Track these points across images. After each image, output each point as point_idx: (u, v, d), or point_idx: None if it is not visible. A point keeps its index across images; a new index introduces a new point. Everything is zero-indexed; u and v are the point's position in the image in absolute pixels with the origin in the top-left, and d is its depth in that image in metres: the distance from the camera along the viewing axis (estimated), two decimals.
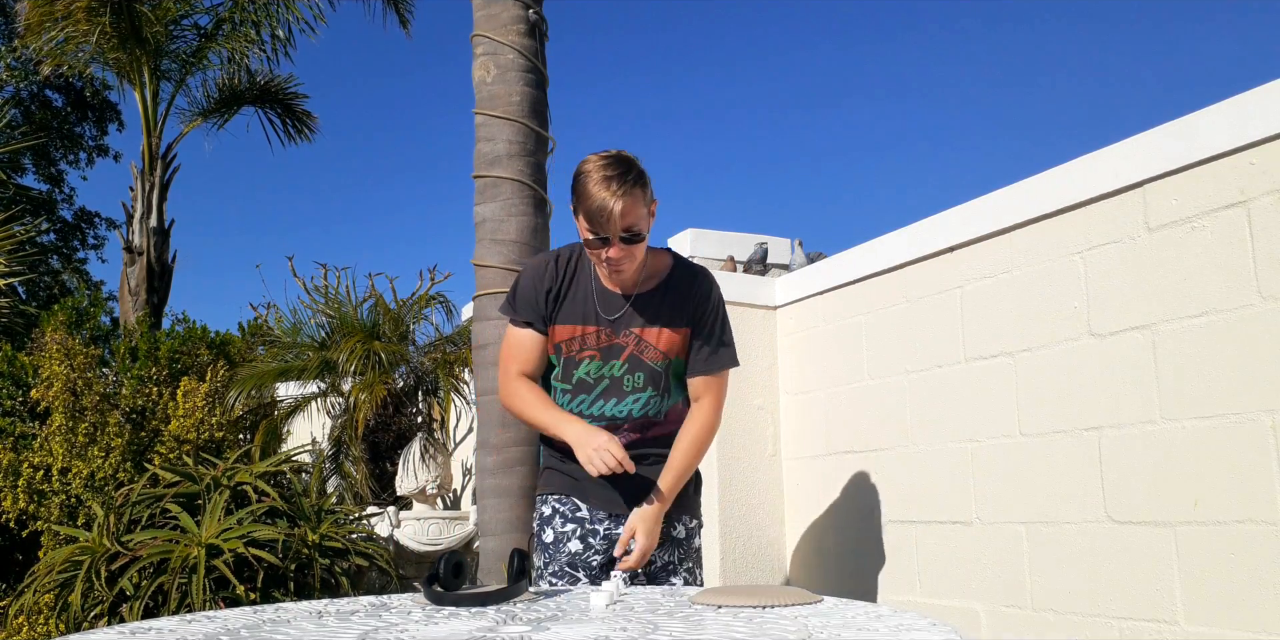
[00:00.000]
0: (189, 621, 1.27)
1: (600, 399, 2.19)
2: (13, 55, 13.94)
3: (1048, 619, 2.54)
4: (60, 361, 4.62)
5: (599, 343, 2.17)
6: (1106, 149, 2.49)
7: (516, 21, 3.71)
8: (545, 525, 2.26)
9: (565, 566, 2.20)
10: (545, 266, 2.18)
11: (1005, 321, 2.75)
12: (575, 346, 2.17)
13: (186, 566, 3.64)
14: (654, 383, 2.20)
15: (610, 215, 1.98)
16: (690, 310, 2.21)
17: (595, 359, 2.17)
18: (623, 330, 2.17)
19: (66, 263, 17.00)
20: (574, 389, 2.20)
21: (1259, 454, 2.10)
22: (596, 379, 2.18)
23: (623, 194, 1.98)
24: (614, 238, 2.02)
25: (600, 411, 2.19)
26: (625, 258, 2.05)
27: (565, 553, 2.21)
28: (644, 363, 2.18)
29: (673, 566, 2.28)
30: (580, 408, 2.20)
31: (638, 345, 2.18)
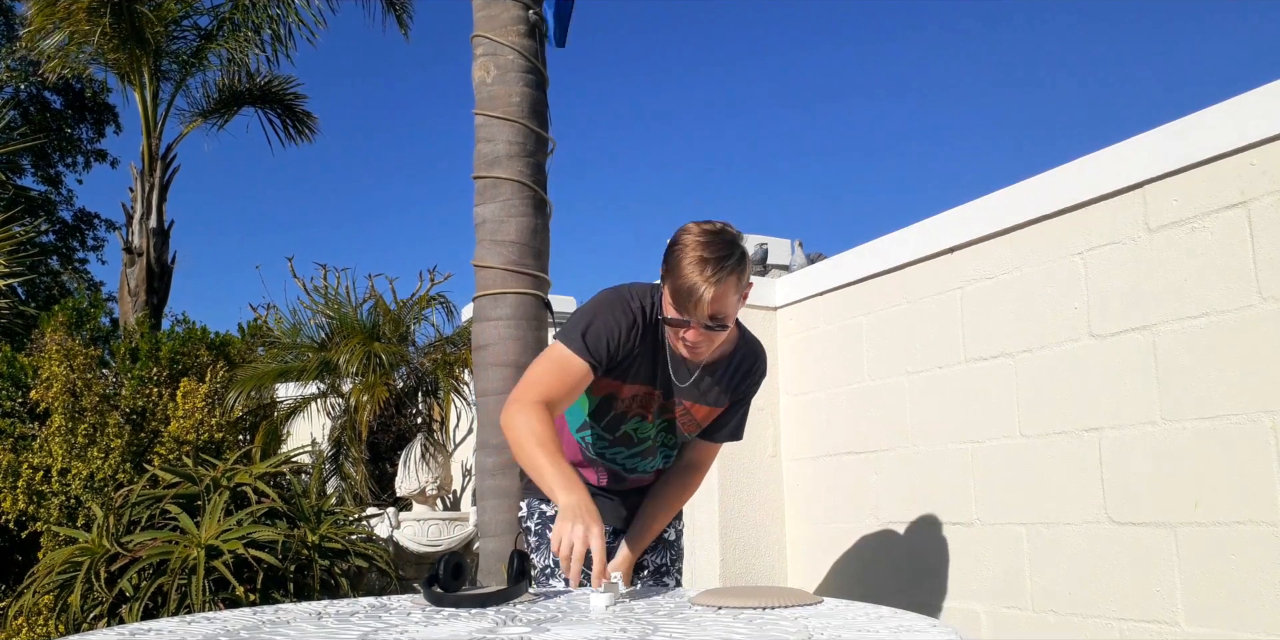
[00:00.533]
0: (188, 623, 1.27)
1: (637, 456, 2.17)
2: (13, 57, 13.95)
3: (1048, 620, 2.54)
4: (60, 362, 4.62)
5: (653, 405, 2.09)
6: (1106, 149, 2.49)
7: (516, 22, 3.71)
8: (549, 524, 2.17)
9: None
10: (633, 320, 1.99)
11: (1005, 322, 2.75)
12: (636, 405, 2.08)
13: (186, 568, 3.63)
14: (676, 447, 2.22)
15: (699, 301, 1.82)
16: (740, 393, 2.18)
17: (645, 419, 2.11)
18: (675, 398, 2.10)
19: (66, 264, 17.00)
20: (614, 440, 2.13)
21: (1259, 455, 2.10)
22: (640, 439, 2.14)
23: (717, 280, 1.81)
24: (697, 323, 1.87)
25: (633, 465, 2.18)
26: (703, 342, 1.92)
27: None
28: (679, 432, 2.17)
29: (665, 568, 2.29)
30: (615, 457, 2.17)
31: (683, 416, 2.14)
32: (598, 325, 1.96)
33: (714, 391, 2.12)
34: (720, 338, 1.94)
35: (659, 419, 2.12)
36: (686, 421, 2.15)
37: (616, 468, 2.18)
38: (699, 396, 2.11)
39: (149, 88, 9.43)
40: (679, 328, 1.89)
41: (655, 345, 2.02)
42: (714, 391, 2.12)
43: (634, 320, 1.98)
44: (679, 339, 1.93)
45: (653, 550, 2.26)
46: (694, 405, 2.11)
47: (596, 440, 2.14)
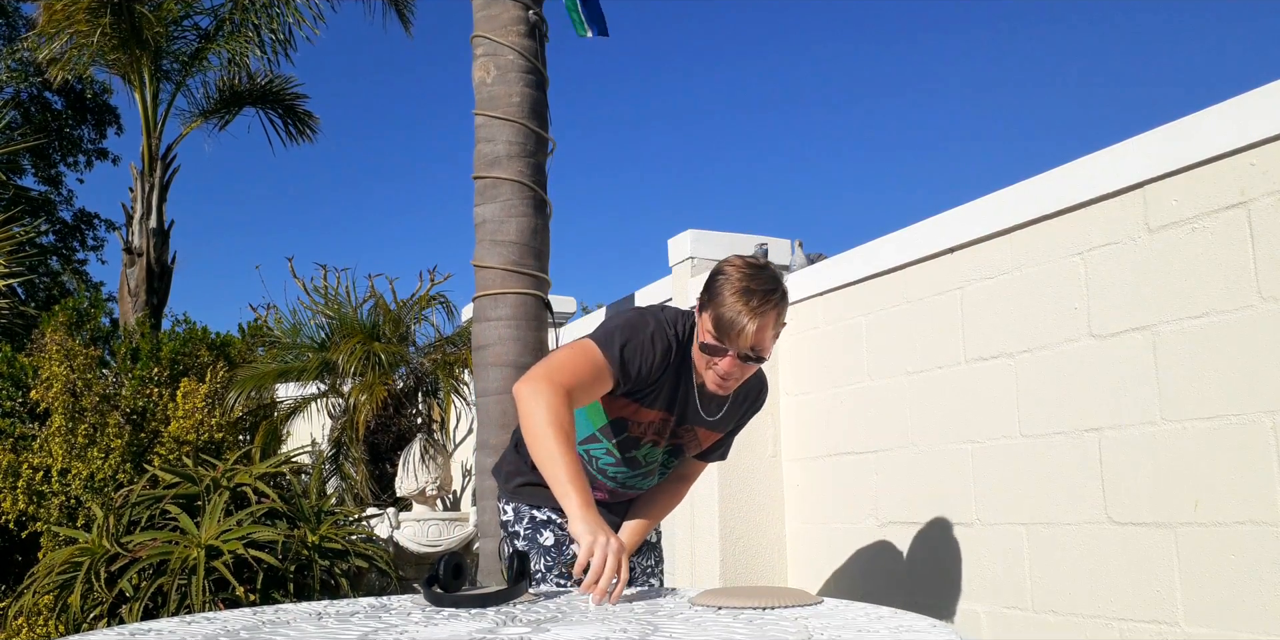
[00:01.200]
0: (188, 623, 1.27)
1: (640, 476, 2.16)
2: (13, 57, 13.95)
3: (1048, 620, 2.54)
4: (60, 362, 4.62)
5: (666, 431, 2.09)
6: (1107, 150, 2.49)
7: (516, 22, 3.71)
8: (542, 529, 2.19)
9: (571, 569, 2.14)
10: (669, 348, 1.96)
11: (1005, 322, 2.75)
12: (651, 431, 2.07)
13: (186, 568, 3.63)
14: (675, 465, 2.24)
15: (742, 332, 1.82)
16: (741, 419, 2.21)
17: (658, 445, 2.11)
18: (690, 424, 2.11)
19: (66, 264, 17.00)
20: (624, 461, 2.11)
21: (1259, 455, 2.10)
22: (649, 462, 2.15)
23: (761, 312, 1.82)
24: (735, 354, 1.86)
25: (633, 484, 2.18)
26: (735, 373, 1.90)
27: (570, 555, 2.16)
28: (682, 453, 2.18)
29: (650, 569, 2.33)
30: (618, 475, 2.15)
31: (690, 437, 2.15)
32: (635, 345, 1.92)
33: (724, 419, 2.14)
34: (752, 371, 1.93)
35: (668, 445, 2.12)
36: (691, 446, 2.16)
37: (614, 485, 2.17)
38: (707, 423, 2.11)
39: (149, 88, 9.44)
40: (716, 356, 1.88)
41: (679, 374, 2.00)
42: (724, 419, 2.14)
43: (669, 347, 1.95)
44: (709, 368, 1.91)
45: (637, 553, 2.29)
46: (701, 430, 2.12)
47: (604, 457, 2.11)
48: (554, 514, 2.20)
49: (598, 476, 2.16)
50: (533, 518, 2.20)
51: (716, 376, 1.91)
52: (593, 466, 2.14)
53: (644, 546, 2.31)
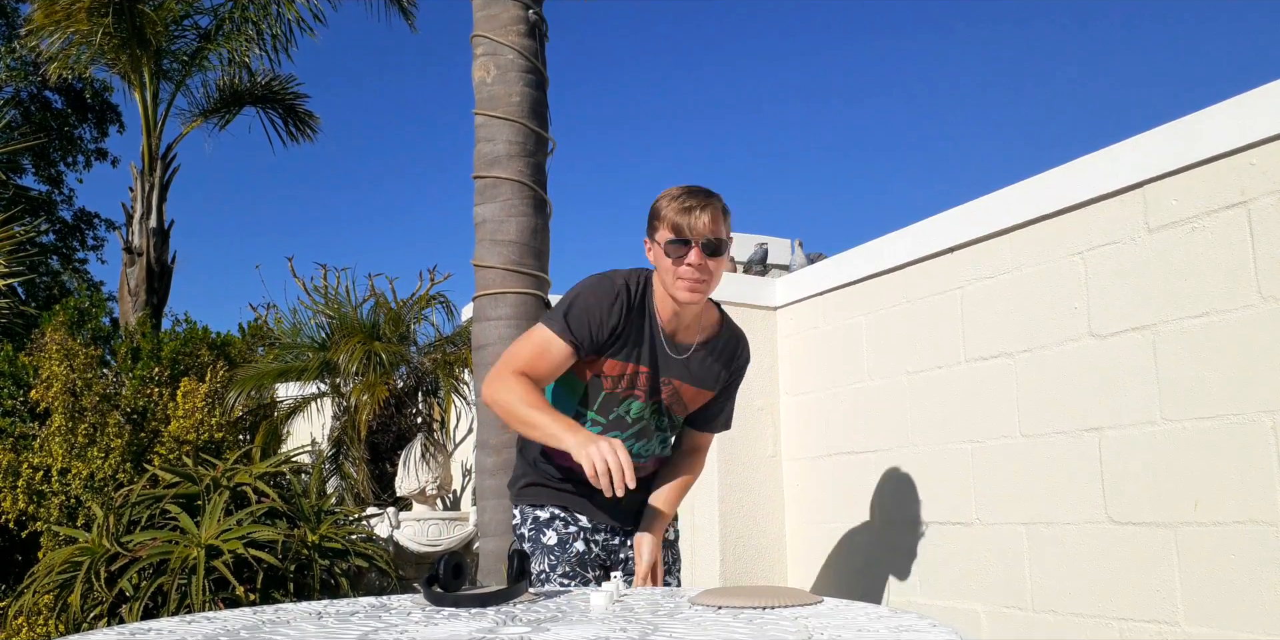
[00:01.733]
0: (189, 622, 1.27)
1: (633, 437, 2.16)
2: (13, 56, 13.95)
3: (1048, 620, 2.54)
4: (60, 362, 4.62)
5: (644, 384, 2.12)
6: (1107, 149, 2.49)
7: (516, 22, 3.71)
8: (544, 528, 2.20)
9: (576, 566, 2.16)
10: (616, 297, 2.06)
11: (1006, 322, 2.75)
12: (624, 384, 2.11)
13: (186, 567, 3.64)
14: (672, 429, 2.24)
15: (697, 220, 1.96)
16: (725, 378, 2.24)
17: (637, 399, 2.13)
18: (667, 376, 2.14)
19: (66, 263, 17.01)
20: (609, 424, 2.14)
21: (1259, 455, 2.10)
22: (635, 419, 2.16)
23: (708, 205, 1.98)
24: (697, 242, 1.96)
25: (637, 451, 2.17)
26: (702, 270, 1.99)
27: (574, 553, 2.17)
28: (671, 413, 2.20)
29: (667, 567, 2.31)
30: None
31: (672, 395, 2.17)
32: (579, 306, 2.04)
33: (703, 370, 2.17)
34: (717, 271, 2.02)
35: (649, 400, 2.14)
36: (674, 402, 2.18)
37: None
38: (688, 376, 2.15)
39: (149, 88, 9.44)
40: (681, 251, 1.97)
41: (642, 323, 2.08)
42: (703, 370, 2.17)
43: (617, 296, 2.05)
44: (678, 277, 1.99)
45: None
46: (682, 385, 2.16)
47: (591, 426, 2.13)
48: (556, 510, 2.21)
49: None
50: (535, 518, 2.22)
51: (688, 277, 1.99)
52: None
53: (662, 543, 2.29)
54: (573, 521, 2.21)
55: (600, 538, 2.23)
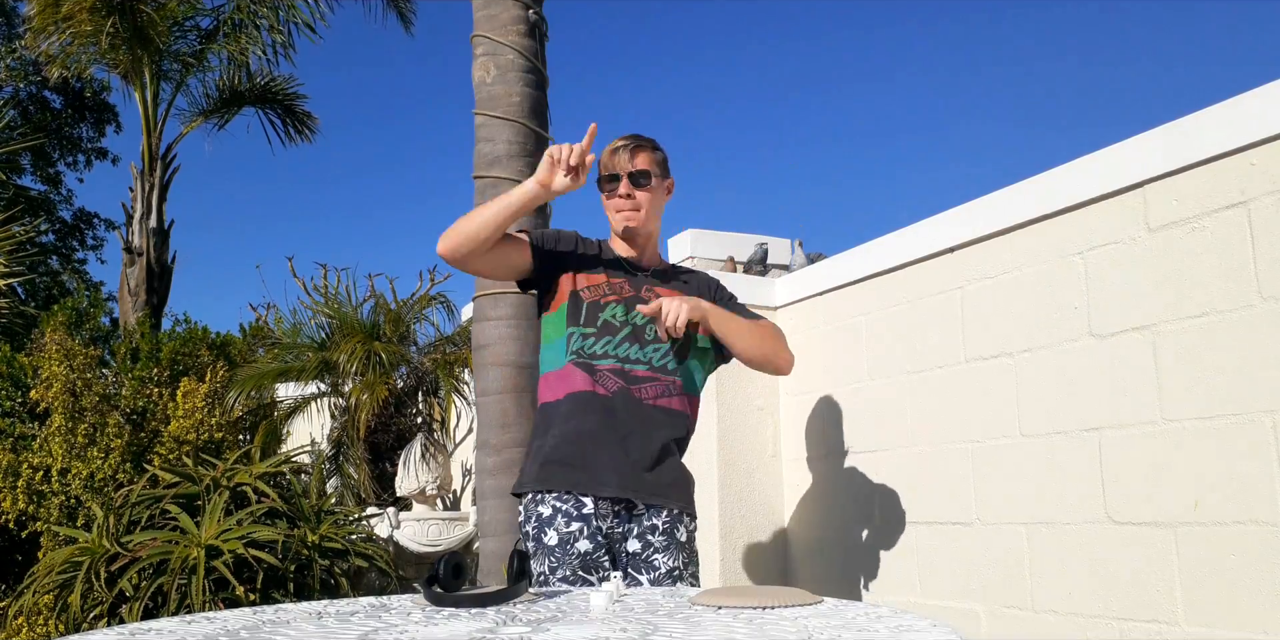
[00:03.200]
0: (188, 622, 1.27)
1: (625, 341, 2.22)
2: (12, 56, 13.94)
3: (1048, 620, 2.54)
4: (60, 362, 4.62)
5: (621, 292, 2.26)
6: (1107, 149, 2.49)
7: (516, 22, 3.71)
8: (545, 527, 2.15)
9: (579, 570, 2.12)
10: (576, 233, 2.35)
11: (1006, 322, 2.75)
12: (600, 292, 2.26)
13: (186, 567, 3.64)
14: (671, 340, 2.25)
15: (619, 157, 2.24)
16: (704, 293, 2.37)
17: (618, 303, 2.25)
18: (643, 286, 2.28)
19: (66, 263, 17.00)
20: (599, 331, 2.22)
21: (1259, 455, 2.10)
22: (621, 323, 2.23)
23: (636, 144, 2.27)
24: (623, 173, 2.24)
25: (625, 353, 2.21)
26: (631, 198, 2.25)
27: (576, 554, 2.12)
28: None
29: (678, 572, 2.23)
30: (606, 348, 2.21)
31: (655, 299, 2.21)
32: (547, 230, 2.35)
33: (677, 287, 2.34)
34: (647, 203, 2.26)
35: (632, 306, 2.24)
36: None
37: (611, 362, 2.20)
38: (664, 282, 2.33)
39: (149, 88, 9.44)
40: (612, 184, 2.26)
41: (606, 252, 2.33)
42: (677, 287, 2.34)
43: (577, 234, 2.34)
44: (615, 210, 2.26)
45: (664, 550, 2.20)
46: (663, 290, 2.29)
47: (583, 339, 2.21)
48: (559, 501, 2.15)
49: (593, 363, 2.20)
50: (539, 515, 2.17)
51: (623, 208, 2.26)
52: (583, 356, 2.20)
53: (671, 545, 2.21)
54: (576, 514, 2.14)
55: (605, 525, 2.16)
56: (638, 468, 2.17)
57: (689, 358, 2.30)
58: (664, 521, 2.21)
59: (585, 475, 2.16)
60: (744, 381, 3.55)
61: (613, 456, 2.16)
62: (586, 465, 2.16)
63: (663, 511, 2.21)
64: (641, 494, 2.17)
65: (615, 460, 2.16)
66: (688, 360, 2.29)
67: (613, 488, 2.16)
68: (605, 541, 2.17)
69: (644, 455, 2.18)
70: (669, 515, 2.22)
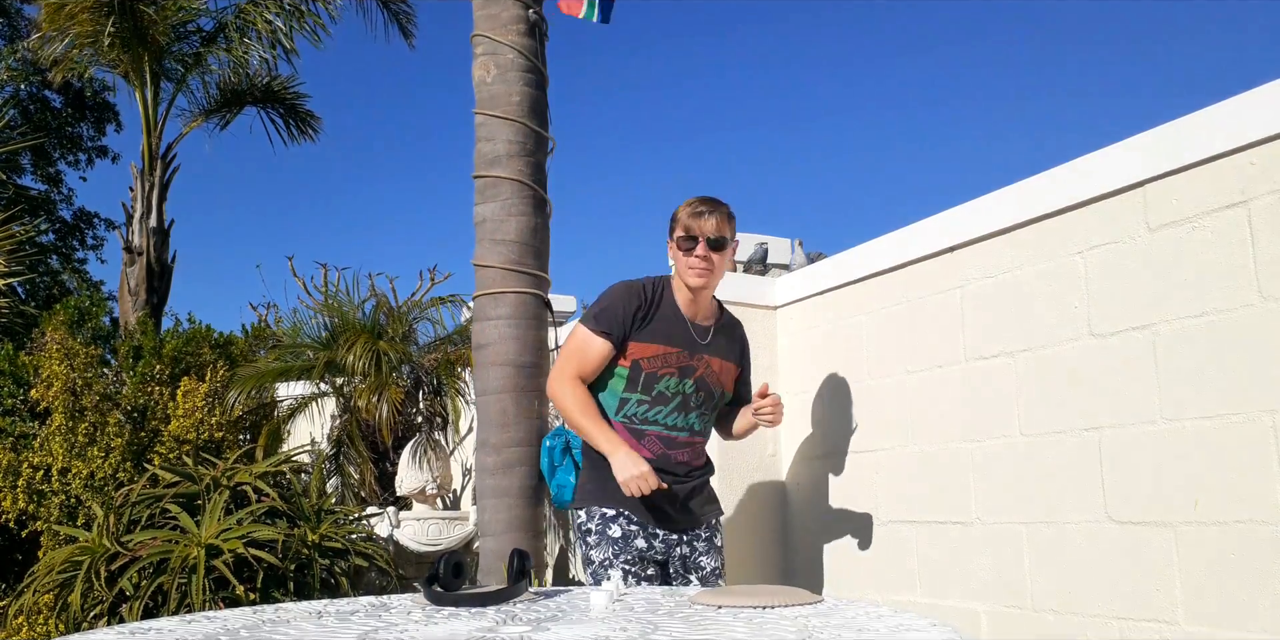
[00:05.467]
0: (189, 622, 1.27)
1: (675, 411, 2.55)
2: (14, 56, 13.94)
3: (1047, 619, 2.54)
4: (60, 361, 4.62)
5: (678, 362, 2.54)
6: (1107, 149, 2.49)
7: (516, 21, 3.70)
8: (610, 522, 2.51)
9: (637, 559, 2.49)
10: (637, 290, 2.55)
11: (1006, 321, 2.75)
12: (659, 363, 2.52)
13: (186, 567, 3.64)
14: (710, 403, 2.63)
15: (705, 221, 2.49)
16: (739, 351, 2.73)
17: (674, 376, 2.54)
18: (697, 355, 2.57)
19: (66, 263, 17.00)
20: (653, 400, 2.53)
21: (1259, 454, 2.10)
22: (674, 394, 2.55)
23: (714, 212, 2.51)
24: (704, 239, 2.47)
25: (674, 421, 2.56)
26: (707, 261, 2.48)
27: (635, 549, 2.50)
28: (709, 385, 2.60)
29: (718, 570, 2.63)
30: (657, 416, 2.55)
31: (706, 370, 2.59)
32: (607, 303, 2.54)
33: (725, 348, 2.64)
34: (721, 264, 2.51)
35: (688, 379, 2.55)
36: (709, 376, 2.59)
37: (659, 429, 2.54)
38: (715, 351, 2.60)
39: (150, 87, 9.44)
40: (690, 244, 2.48)
41: (665, 312, 2.54)
42: (725, 348, 2.64)
43: (639, 292, 2.54)
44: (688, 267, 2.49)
45: (707, 553, 2.61)
46: (712, 359, 2.60)
47: (638, 406, 2.53)
48: (621, 506, 2.50)
49: (643, 428, 2.53)
50: (603, 514, 2.52)
51: (696, 266, 2.48)
52: (635, 421, 2.54)
53: (711, 550, 2.62)
54: (633, 519, 2.52)
55: (660, 533, 2.54)
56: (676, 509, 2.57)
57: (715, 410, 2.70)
58: (705, 531, 2.64)
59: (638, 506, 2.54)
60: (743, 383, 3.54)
61: (659, 504, 2.53)
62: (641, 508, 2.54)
63: (703, 524, 2.64)
64: (681, 525, 2.59)
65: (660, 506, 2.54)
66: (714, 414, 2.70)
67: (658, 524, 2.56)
68: (664, 546, 2.56)
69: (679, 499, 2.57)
70: (708, 527, 2.65)
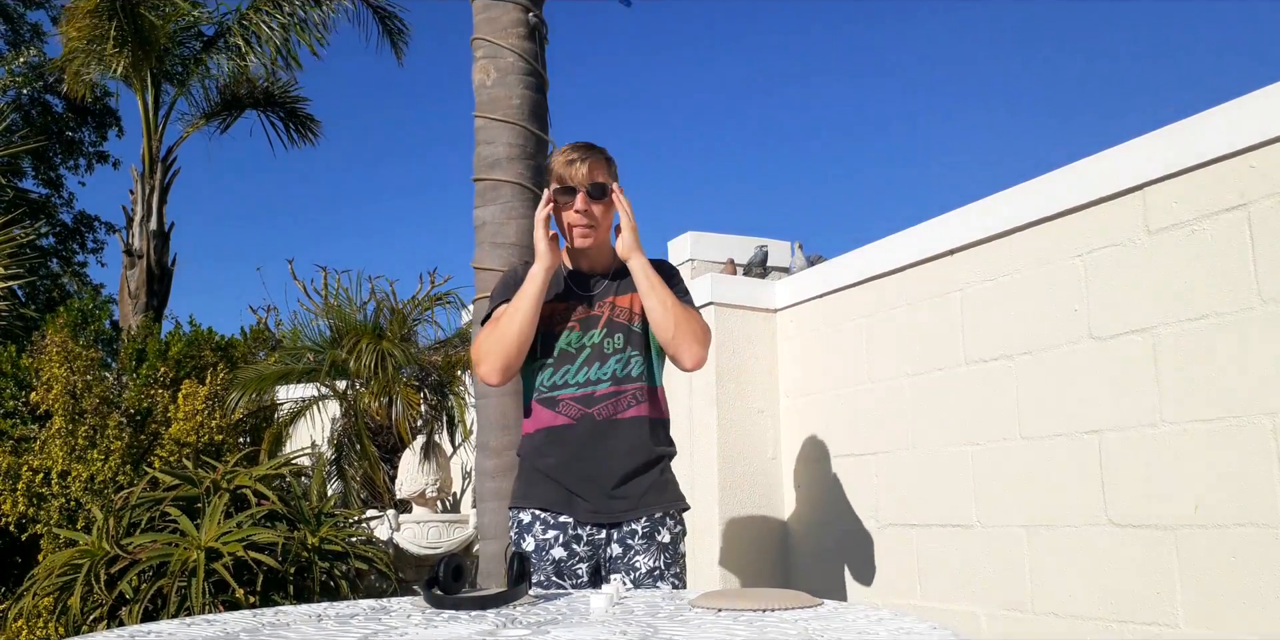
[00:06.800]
0: (188, 625, 1.27)
1: (585, 365, 2.25)
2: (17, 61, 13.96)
3: (1048, 622, 2.54)
4: (60, 364, 4.62)
5: (576, 315, 2.27)
6: (1106, 152, 2.49)
7: (516, 25, 3.71)
8: (525, 532, 2.24)
9: (552, 576, 2.20)
10: (516, 266, 2.39)
11: (1005, 324, 2.75)
12: (553, 322, 2.25)
13: (186, 570, 3.63)
14: (633, 342, 2.27)
15: (577, 170, 2.20)
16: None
17: (575, 330, 2.26)
18: (597, 303, 2.28)
19: (66, 266, 17.01)
20: (556, 360, 2.25)
21: (1259, 457, 2.10)
22: (578, 348, 2.25)
23: (588, 156, 2.22)
24: (581, 188, 2.19)
25: (585, 377, 2.24)
26: (588, 213, 2.21)
27: (550, 561, 2.20)
28: (619, 324, 2.28)
29: (659, 572, 2.25)
30: (565, 377, 2.24)
31: (612, 310, 2.29)
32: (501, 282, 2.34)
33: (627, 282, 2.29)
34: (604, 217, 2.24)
35: (593, 330, 2.26)
36: (621, 313, 2.29)
37: (571, 390, 2.23)
38: (618, 291, 2.30)
39: (150, 91, 9.45)
40: (568, 198, 2.21)
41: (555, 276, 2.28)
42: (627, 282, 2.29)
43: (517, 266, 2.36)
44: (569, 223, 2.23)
45: (644, 552, 2.23)
46: (616, 298, 2.29)
47: (544, 372, 2.25)
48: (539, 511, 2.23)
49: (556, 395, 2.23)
50: (519, 521, 2.26)
51: (578, 223, 2.23)
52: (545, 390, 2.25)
53: (651, 546, 2.24)
54: (553, 522, 2.22)
55: (585, 533, 2.22)
56: (607, 491, 2.22)
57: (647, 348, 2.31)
58: (643, 526, 2.24)
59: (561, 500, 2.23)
60: (745, 384, 3.55)
61: (582, 486, 2.22)
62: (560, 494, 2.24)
63: (641, 517, 2.24)
64: (615, 515, 2.23)
65: (586, 488, 2.22)
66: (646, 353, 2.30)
67: (585, 514, 2.23)
68: (589, 549, 2.23)
69: (612, 477, 2.22)
70: (648, 520, 2.25)
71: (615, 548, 2.23)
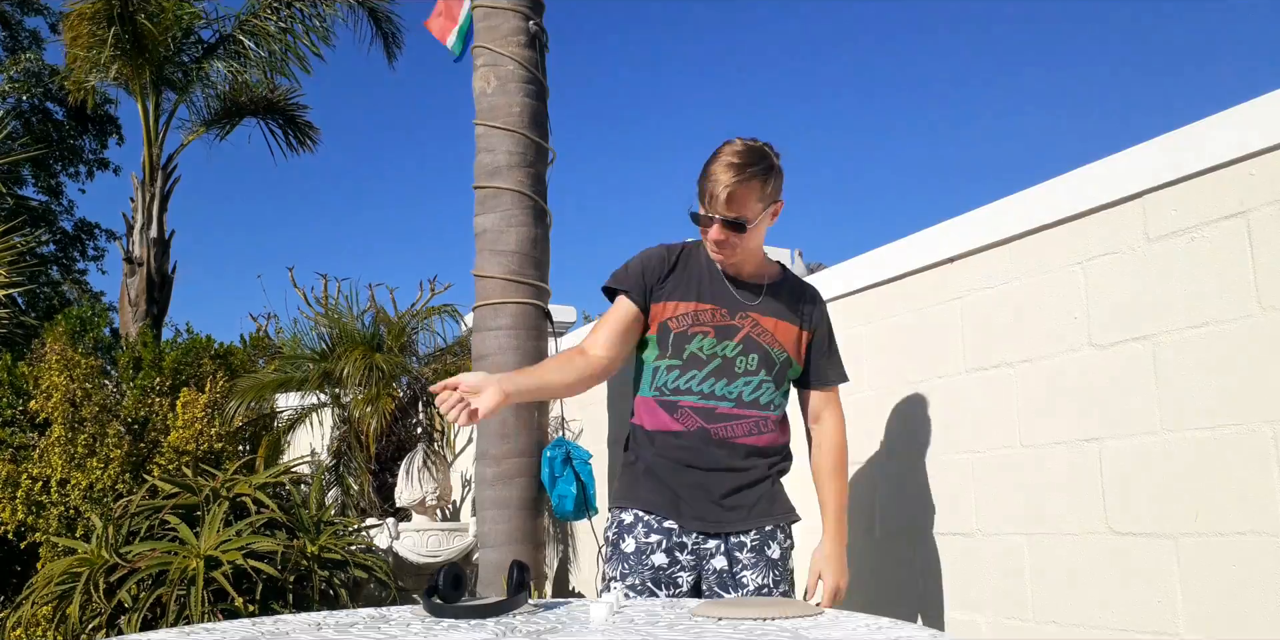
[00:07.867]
0: (188, 634, 1.27)
1: (710, 376, 2.13)
2: (16, 67, 13.99)
3: (1048, 630, 2.53)
4: (60, 372, 4.62)
5: (714, 320, 2.15)
6: (1106, 159, 2.49)
7: (516, 33, 3.72)
8: (625, 533, 2.13)
9: (649, 581, 2.09)
10: (661, 249, 2.22)
11: (1005, 332, 2.75)
12: (688, 321, 2.14)
13: (185, 578, 3.63)
14: (768, 367, 2.18)
15: (715, 198, 2.02)
16: (806, 312, 2.27)
17: (709, 336, 2.14)
18: (738, 312, 2.17)
19: (66, 274, 17.03)
20: (684, 364, 2.14)
21: (1260, 465, 2.09)
22: (709, 356, 2.14)
23: (737, 182, 2.01)
24: (718, 220, 2.05)
25: (709, 389, 2.14)
26: (724, 242, 2.08)
27: (649, 566, 2.09)
28: (758, 344, 2.17)
29: (767, 590, 2.16)
30: (689, 383, 2.14)
31: (754, 328, 2.17)
32: (632, 263, 2.20)
33: (779, 307, 2.22)
34: (743, 242, 2.09)
35: (729, 341, 2.15)
36: (764, 336, 2.18)
37: (693, 399, 2.13)
38: (764, 310, 2.19)
39: (150, 99, 9.47)
40: (703, 225, 2.08)
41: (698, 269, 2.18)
42: (779, 307, 2.22)
43: (665, 250, 2.20)
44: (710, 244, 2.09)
45: (753, 567, 2.15)
46: (761, 316, 2.19)
47: (668, 373, 2.15)
48: (642, 512, 2.14)
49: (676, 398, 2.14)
50: (620, 521, 2.17)
51: (712, 245, 2.09)
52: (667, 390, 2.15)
53: (760, 562, 2.15)
54: (657, 526, 2.13)
55: (690, 541, 2.13)
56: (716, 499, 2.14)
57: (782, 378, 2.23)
58: (753, 539, 2.16)
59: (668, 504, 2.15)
60: None
61: (691, 492, 2.14)
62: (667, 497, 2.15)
63: (751, 529, 2.16)
64: (723, 524, 2.15)
65: (694, 495, 2.14)
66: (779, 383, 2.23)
67: (691, 521, 2.15)
68: (694, 558, 2.15)
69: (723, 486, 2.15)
70: (758, 533, 2.17)
71: (721, 560, 2.14)
